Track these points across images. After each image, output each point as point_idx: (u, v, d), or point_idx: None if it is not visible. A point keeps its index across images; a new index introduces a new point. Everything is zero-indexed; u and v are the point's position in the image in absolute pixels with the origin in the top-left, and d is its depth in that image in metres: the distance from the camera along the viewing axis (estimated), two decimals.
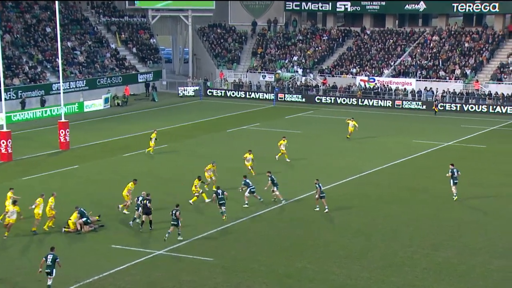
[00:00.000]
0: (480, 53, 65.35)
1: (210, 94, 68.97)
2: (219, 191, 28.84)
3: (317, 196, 30.48)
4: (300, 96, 65.71)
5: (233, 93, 68.53)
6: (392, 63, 67.13)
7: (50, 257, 22.21)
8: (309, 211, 30.65)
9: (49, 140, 45.96)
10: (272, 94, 65.97)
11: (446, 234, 27.73)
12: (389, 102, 62.36)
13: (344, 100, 63.73)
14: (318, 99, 64.71)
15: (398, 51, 68.63)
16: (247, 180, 31.06)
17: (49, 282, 22.10)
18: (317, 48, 72.38)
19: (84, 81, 64.71)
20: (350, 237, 27.35)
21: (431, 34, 69.75)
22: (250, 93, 68.03)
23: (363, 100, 63.14)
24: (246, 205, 30.78)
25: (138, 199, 28.21)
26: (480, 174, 37.61)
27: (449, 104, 60.06)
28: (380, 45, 70.12)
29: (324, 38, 73.87)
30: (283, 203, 31.42)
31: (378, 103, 62.61)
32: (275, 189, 31.35)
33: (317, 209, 30.69)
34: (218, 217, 29.23)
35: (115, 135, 48.63)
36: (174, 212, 26.61)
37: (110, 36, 74.49)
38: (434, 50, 67.17)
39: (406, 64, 66.21)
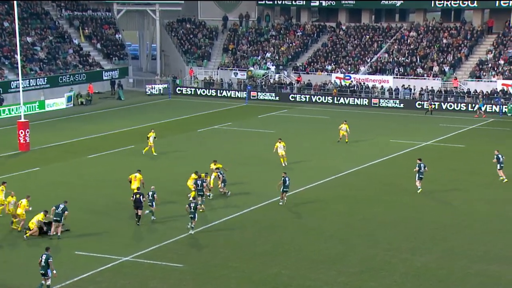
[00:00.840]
0: (459, 49, 66.17)
1: (179, 92, 68.69)
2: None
3: (281, 188, 31.23)
4: (273, 94, 65.80)
5: (203, 91, 68.35)
6: (369, 60, 67.63)
7: (43, 257, 22.43)
8: (281, 215, 30.67)
9: (7, 141, 45.32)
10: (244, 92, 65.97)
11: (425, 237, 27.98)
12: (365, 101, 62.80)
13: (319, 99, 64.00)
14: (292, 97, 64.87)
15: (374, 47, 69.16)
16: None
17: (48, 282, 22.32)
18: (291, 44, 72.58)
19: (45, 78, 63.95)
20: (326, 241, 27.44)
21: (408, 29, 70.43)
22: (221, 91, 67.90)
23: (338, 98, 63.47)
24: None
25: (149, 194, 29.32)
26: (459, 175, 38.04)
27: (427, 102, 60.66)
28: (356, 41, 70.57)
29: (298, 33, 74.10)
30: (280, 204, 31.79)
31: (354, 102, 63.00)
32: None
33: (281, 203, 31.45)
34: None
35: (79, 136, 48.16)
36: (192, 205, 27.25)
37: (73, 31, 73.74)
38: (411, 47, 67.83)
39: (383, 61, 66.75)
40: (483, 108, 57.66)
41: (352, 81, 65.45)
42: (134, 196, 29.13)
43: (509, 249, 26.77)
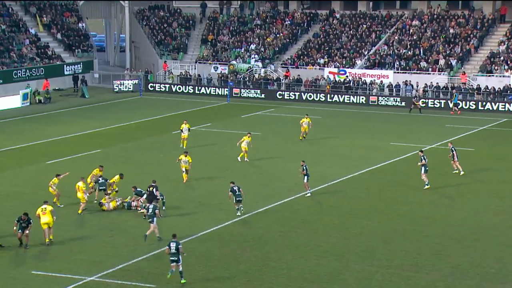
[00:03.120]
0: (467, 40, 66.63)
1: (152, 89, 68.55)
2: (235, 188, 31.47)
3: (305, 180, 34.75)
4: (258, 91, 65.84)
5: (179, 88, 68.25)
6: (366, 53, 67.89)
7: (173, 245, 25.13)
8: (268, 228, 30.68)
9: None
10: (225, 89, 65.97)
11: (429, 253, 28.11)
12: (362, 98, 63.01)
13: (310, 96, 64.12)
14: (280, 94, 64.95)
15: (372, 38, 69.46)
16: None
17: (180, 268, 25.02)
18: (278, 35, 72.68)
19: None
20: (318, 258, 27.47)
21: (410, 18, 70.80)
22: (199, 88, 67.84)
23: (332, 95, 63.62)
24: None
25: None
26: (466, 182, 38.27)
27: (432, 100, 61.00)
28: (351, 31, 70.82)
29: (286, 23, 74.23)
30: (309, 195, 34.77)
31: (349, 99, 63.18)
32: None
33: (309, 194, 34.86)
34: (163, 235, 29.00)
35: (36, 139, 47.87)
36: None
37: (29, 19, 73.36)
38: (414, 37, 68.20)
39: (382, 54, 67.05)
40: (459, 105, 58.53)
41: (347, 76, 65.66)
42: (148, 189, 31.72)
43: None
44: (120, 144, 46.48)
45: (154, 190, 31.91)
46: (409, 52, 66.57)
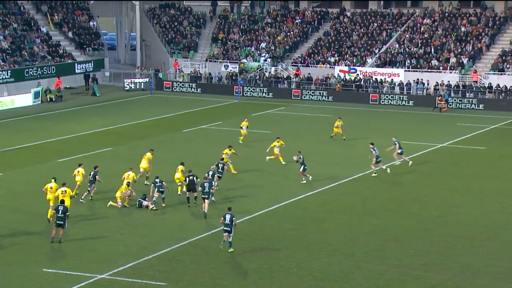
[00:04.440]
0: (479, 38, 66.40)
1: (163, 87, 68.67)
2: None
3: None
4: (269, 89, 65.84)
5: (190, 86, 68.34)
6: (377, 51, 67.77)
7: (228, 216, 27.43)
8: (278, 227, 30.71)
9: None
10: (236, 88, 66.00)
11: (439, 252, 28.07)
12: (373, 97, 62.91)
13: (320, 94, 64.10)
14: (290, 93, 64.94)
15: (383, 36, 69.32)
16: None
17: (230, 239, 27.28)
18: (288, 33, 72.65)
19: (9, 71, 63.82)
20: (328, 257, 27.49)
21: (421, 16, 70.63)
22: (210, 86, 67.89)
23: (343, 94, 63.56)
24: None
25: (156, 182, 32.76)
26: (479, 181, 38.19)
27: (438, 98, 60.72)
28: (362, 30, 70.71)
29: (297, 21, 74.18)
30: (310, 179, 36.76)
31: (360, 98, 63.09)
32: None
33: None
34: (171, 232, 29.09)
35: (48, 137, 48.07)
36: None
37: (41, 18, 73.63)
38: (425, 36, 68.02)
39: (392, 52, 66.91)
40: (449, 100, 59.12)
41: (358, 74, 65.58)
42: (188, 178, 32.70)
43: None
44: (131, 142, 46.61)
45: (195, 178, 32.89)
46: (420, 50, 66.40)
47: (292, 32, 72.57)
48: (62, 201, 28.65)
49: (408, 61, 65.46)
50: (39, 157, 42.60)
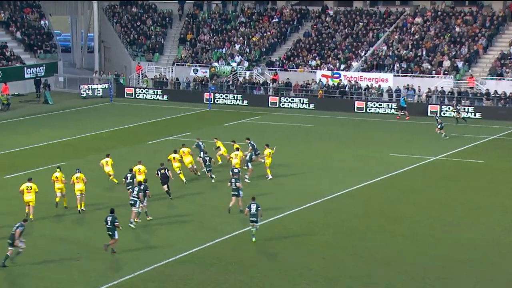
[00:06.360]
0: (475, 40, 66.99)
1: (124, 94, 68.39)
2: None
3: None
4: (243, 96, 65.85)
5: (154, 93, 68.14)
6: (363, 54, 68.08)
7: (253, 206, 30.91)
8: (252, 250, 30.57)
9: None
10: (206, 94, 65.92)
11: (435, 277, 28.06)
12: (358, 104, 63.12)
13: (300, 101, 64.19)
14: (266, 100, 64.95)
15: (370, 37, 69.69)
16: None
17: (256, 229, 30.87)
18: (265, 34, 72.79)
19: None
20: (309, 283, 27.36)
21: (412, 15, 71.13)
22: (177, 93, 67.75)
23: (325, 101, 63.71)
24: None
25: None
26: (476, 198, 38.33)
27: (453, 108, 60.72)
28: (346, 30, 71.05)
29: (274, 20, 74.37)
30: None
31: (344, 106, 63.27)
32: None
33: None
34: (136, 256, 28.81)
35: None
36: None
37: None
38: (416, 37, 68.49)
39: (380, 55, 67.27)
40: (405, 108, 59.78)
41: (342, 80, 65.81)
42: (159, 172, 36.51)
43: None
44: (88, 155, 46.22)
45: (166, 171, 36.65)
46: (411, 53, 66.83)
47: (269, 33, 72.72)
48: (112, 210, 30.12)
49: (398, 65, 65.84)
50: None
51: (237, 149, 40.79)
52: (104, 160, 39.91)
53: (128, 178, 36.29)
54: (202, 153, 41.56)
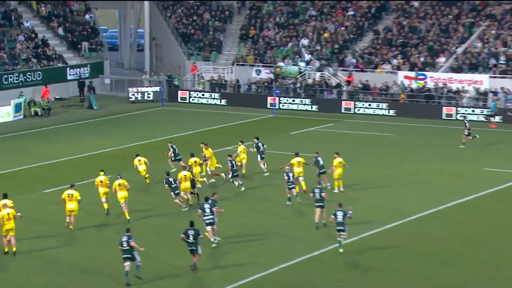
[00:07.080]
0: None
1: (177, 98, 68.96)
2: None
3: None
4: (312, 101, 65.82)
5: (211, 97, 68.54)
6: (453, 50, 67.44)
7: (339, 213, 32.25)
8: (323, 277, 30.52)
9: None
10: (271, 99, 66.06)
11: None
12: (447, 110, 62.56)
13: (379, 107, 63.88)
14: (339, 105, 64.79)
15: (461, 31, 69.00)
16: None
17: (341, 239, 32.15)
18: (338, 29, 72.70)
19: None
20: None
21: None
22: (237, 96, 68.07)
23: (408, 106, 63.34)
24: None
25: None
26: None
27: None
28: (434, 23, 70.47)
29: (349, 13, 74.22)
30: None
31: (430, 112, 62.77)
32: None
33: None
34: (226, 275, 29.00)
35: (31, 162, 48.39)
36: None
37: (24, 10, 74.51)
38: None
39: (473, 52, 66.53)
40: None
41: (427, 81, 65.29)
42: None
43: None
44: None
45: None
46: (510, 50, 65.94)
47: (343, 28, 72.57)
48: (192, 223, 30.57)
49: (495, 64, 64.95)
50: (20, 187, 42.75)
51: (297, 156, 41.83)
52: (137, 159, 42.58)
53: (172, 182, 38.17)
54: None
